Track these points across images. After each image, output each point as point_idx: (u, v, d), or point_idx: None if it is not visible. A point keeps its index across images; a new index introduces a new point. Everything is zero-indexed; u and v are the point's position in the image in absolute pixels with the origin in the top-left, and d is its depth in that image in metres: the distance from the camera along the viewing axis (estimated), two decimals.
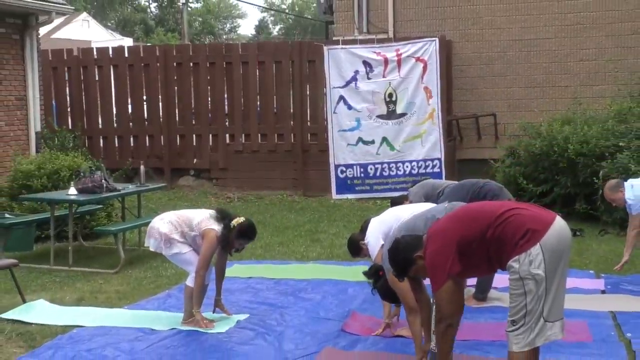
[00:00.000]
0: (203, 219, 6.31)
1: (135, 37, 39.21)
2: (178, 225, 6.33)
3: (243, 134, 14.34)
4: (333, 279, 7.87)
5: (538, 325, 4.03)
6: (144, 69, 14.70)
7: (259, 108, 14.42)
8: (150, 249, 6.52)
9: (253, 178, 14.09)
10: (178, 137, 14.59)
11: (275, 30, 56.01)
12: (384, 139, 13.05)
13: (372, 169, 13.14)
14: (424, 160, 12.96)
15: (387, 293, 5.15)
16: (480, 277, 6.21)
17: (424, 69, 12.88)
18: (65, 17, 22.57)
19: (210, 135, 14.46)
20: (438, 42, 12.93)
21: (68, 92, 14.94)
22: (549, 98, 13.47)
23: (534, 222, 4.08)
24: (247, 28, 56.82)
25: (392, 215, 6.02)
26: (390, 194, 12.59)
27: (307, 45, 14.43)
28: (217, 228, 6.21)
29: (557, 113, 12.20)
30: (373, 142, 13.09)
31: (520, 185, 11.19)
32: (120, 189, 9.51)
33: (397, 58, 12.92)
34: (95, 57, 15.09)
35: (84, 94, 14.86)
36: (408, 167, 13.00)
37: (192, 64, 14.60)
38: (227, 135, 14.42)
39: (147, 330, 6.26)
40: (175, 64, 14.65)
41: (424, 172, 12.82)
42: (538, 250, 3.99)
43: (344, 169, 13.22)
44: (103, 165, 10.25)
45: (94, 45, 17.34)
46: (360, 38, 13.96)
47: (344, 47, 13.32)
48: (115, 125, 14.82)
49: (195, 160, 14.55)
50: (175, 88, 14.60)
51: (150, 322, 6.51)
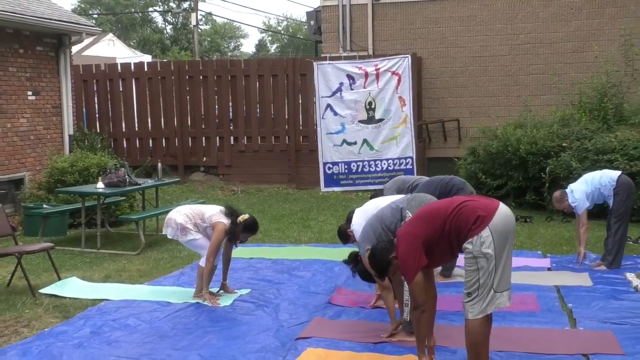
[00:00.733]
0: (214, 214, 6.33)
1: (154, 54, 39.03)
2: (192, 217, 6.36)
3: (245, 137, 14.30)
4: (321, 259, 7.89)
5: (489, 296, 4.07)
6: (161, 82, 14.66)
7: (259, 114, 14.40)
8: (168, 237, 6.54)
9: (254, 174, 14.09)
10: (190, 139, 14.57)
11: (273, 48, 55.88)
12: (365, 141, 13.07)
13: (354, 166, 13.16)
14: (399, 159, 12.99)
15: (364, 275, 5.18)
16: (447, 262, 6.25)
17: (399, 81, 12.90)
18: (94, 37, 22.45)
19: (218, 138, 14.43)
20: (410, 58, 12.95)
21: (96, 101, 14.89)
22: (504, 106, 13.51)
23: (482, 209, 4.12)
24: (248, 46, 56.73)
25: (372, 206, 6.04)
26: (371, 187, 12.65)
27: (299, 61, 14.41)
28: (225, 221, 6.24)
29: (510, 118, 12.22)
30: (355, 143, 13.11)
31: (480, 180, 11.24)
32: (141, 183, 9.51)
33: (375, 72, 12.92)
34: (120, 71, 15.07)
35: (110, 103, 14.83)
36: (385, 164, 13.02)
37: (201, 77, 14.59)
38: (231, 138, 14.41)
39: (163, 303, 6.27)
40: (188, 77, 14.62)
41: (399, 168, 12.85)
42: (487, 233, 4.03)
43: (331, 166, 13.23)
44: (126, 163, 10.23)
45: (119, 61, 17.28)
46: (344, 55, 13.96)
47: (331, 62, 13.32)
48: (137, 129, 14.77)
49: (205, 159, 14.53)
50: (188, 97, 14.55)
51: (167, 296, 6.53)
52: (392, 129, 12.98)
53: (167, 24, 50.43)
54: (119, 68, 15.32)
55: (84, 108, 14.68)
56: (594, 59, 12.85)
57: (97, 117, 14.85)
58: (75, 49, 17.14)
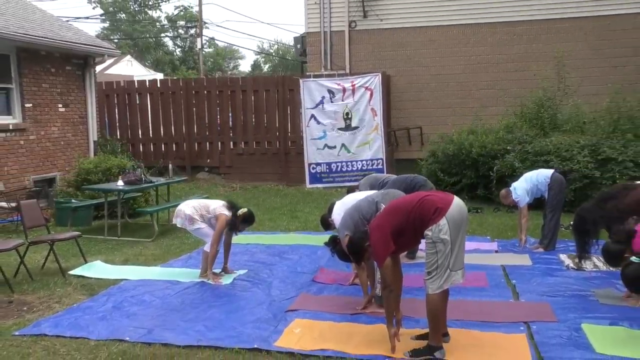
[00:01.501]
0: (218, 206, 6.33)
1: (165, 73, 38.79)
2: (199, 209, 6.35)
3: (243, 142, 14.26)
4: (307, 244, 7.89)
5: (446, 274, 4.10)
6: (171, 96, 14.55)
7: (254, 123, 14.35)
8: (177, 226, 6.53)
9: (250, 173, 14.05)
10: (196, 143, 14.48)
11: (266, 68, 55.69)
12: (343, 145, 13.05)
13: (334, 166, 13.15)
14: (371, 160, 13.00)
15: (342, 255, 5.20)
16: (411, 247, 6.28)
17: (371, 95, 12.90)
18: (115, 58, 22.29)
19: (219, 143, 14.36)
20: (380, 76, 12.96)
21: (116, 112, 14.78)
22: (459, 115, 13.56)
23: (440, 202, 4.15)
24: (245, 66, 56.45)
25: (349, 200, 6.07)
26: (348, 184, 12.60)
27: (288, 79, 14.39)
28: (227, 214, 6.24)
29: (464, 126, 12.27)
30: (335, 147, 13.10)
31: (439, 177, 11.30)
32: (155, 181, 9.51)
33: (352, 87, 12.91)
34: (136, 87, 14.98)
35: (128, 113, 14.72)
36: (360, 164, 13.03)
37: (206, 92, 14.51)
38: (231, 142, 14.34)
39: (174, 282, 6.26)
40: (194, 92, 14.55)
41: (371, 168, 12.85)
42: (445, 222, 4.06)
43: (315, 166, 13.22)
44: (142, 164, 10.22)
45: (135, 79, 17.16)
46: (326, 73, 13.95)
47: (314, 79, 13.30)
48: (151, 136, 14.67)
49: (209, 160, 14.47)
50: (194, 109, 14.48)
51: (176, 276, 6.52)
52: (365, 135, 12.99)
53: (176, 47, 50.19)
54: (136, 84, 15.23)
55: (106, 118, 14.58)
56: (533, 77, 12.96)
57: (117, 125, 14.75)
58: (99, 68, 16.99)
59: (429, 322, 4.24)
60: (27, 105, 10.55)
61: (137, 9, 46.94)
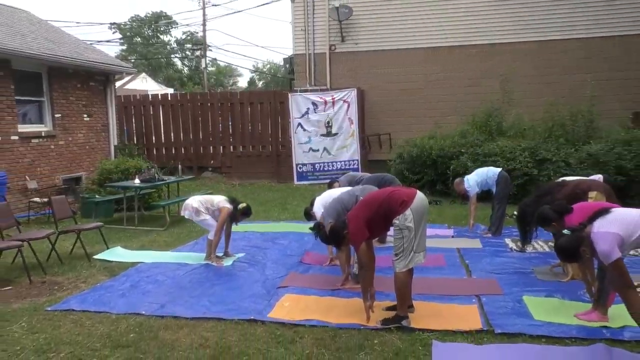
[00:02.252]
0: (221, 200, 6.32)
1: (175, 88, 38.54)
2: (204, 203, 6.33)
3: (241, 146, 14.18)
4: (295, 232, 7.88)
5: (410, 255, 4.13)
6: (180, 107, 14.44)
7: (250, 130, 14.29)
8: (185, 217, 6.48)
9: (247, 172, 13.97)
10: (201, 147, 14.37)
11: (260, 84, 55.46)
12: (325, 148, 13.03)
13: (318, 166, 13.14)
14: (349, 161, 13.00)
15: (324, 239, 5.20)
16: (382, 234, 6.31)
17: (348, 107, 12.90)
18: (131, 75, 22.13)
19: (221, 147, 14.26)
20: (356, 91, 12.96)
21: (133, 121, 14.61)
22: (421, 124, 13.59)
23: (405, 196, 4.18)
24: (242, 82, 56.16)
25: (328, 194, 6.09)
26: (329, 181, 12.63)
27: (278, 93, 14.36)
28: (229, 206, 6.23)
29: (425, 132, 12.31)
30: (318, 150, 13.08)
31: (405, 175, 11.29)
32: (166, 180, 9.46)
33: (332, 100, 12.90)
34: (150, 100, 14.83)
35: (143, 122, 14.56)
36: (339, 164, 13.02)
37: (209, 104, 14.38)
38: (231, 147, 14.25)
39: (183, 264, 6.23)
40: (199, 104, 14.42)
41: (348, 167, 12.85)
42: (409, 212, 4.09)
43: (301, 166, 13.20)
44: (155, 165, 10.14)
45: (150, 93, 16.99)
46: (310, 88, 13.92)
47: (301, 94, 13.26)
48: (163, 141, 14.52)
49: (212, 162, 14.36)
50: (199, 119, 14.36)
51: (185, 259, 6.48)
52: (343, 140, 12.99)
53: (184, 66, 49.79)
54: (150, 98, 15.08)
55: (125, 126, 14.43)
56: (483, 91, 13.02)
57: (134, 132, 14.59)
58: (118, 84, 16.84)
59: (397, 295, 4.26)
60: (56, 116, 10.43)
61: (150, 34, 46.54)
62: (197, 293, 5.14)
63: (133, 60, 40.64)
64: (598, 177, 6.42)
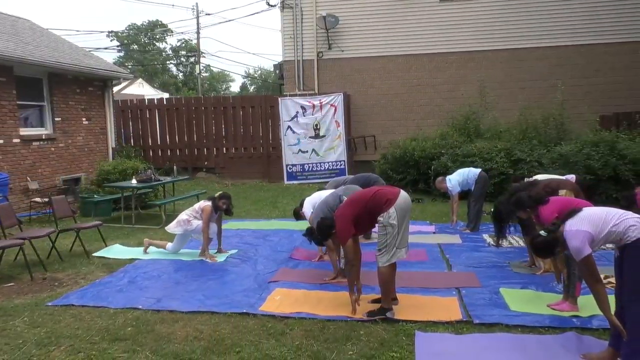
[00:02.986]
0: (200, 203, 6.38)
1: (170, 93, 38.30)
2: (189, 213, 6.37)
3: (234, 147, 14.09)
4: (285, 229, 7.85)
5: (393, 251, 4.13)
6: (175, 111, 14.32)
7: (242, 133, 14.23)
8: (179, 234, 6.40)
9: (240, 172, 13.90)
10: (196, 149, 14.26)
11: (252, 89, 55.27)
12: (313, 150, 13.02)
13: (306, 167, 13.11)
14: (336, 162, 12.99)
15: (318, 241, 5.19)
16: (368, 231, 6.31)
17: (335, 110, 12.90)
18: (129, 81, 21.94)
19: (215, 148, 14.17)
20: (342, 95, 12.96)
21: (130, 124, 14.45)
22: (404, 126, 13.63)
23: (390, 195, 4.18)
24: (235, 87, 55.98)
25: (317, 195, 6.08)
26: (317, 181, 12.67)
27: (269, 97, 14.24)
28: (208, 203, 6.26)
29: (408, 135, 12.36)
30: (307, 151, 13.05)
31: (389, 175, 11.31)
32: (162, 180, 9.36)
33: (320, 104, 12.89)
34: (147, 104, 14.63)
35: (140, 125, 14.41)
36: (327, 165, 13.01)
37: (203, 108, 14.27)
38: (224, 148, 14.15)
39: (178, 261, 6.20)
40: (194, 108, 14.30)
41: (336, 168, 12.88)
42: (393, 210, 4.08)
43: (291, 167, 13.17)
44: (152, 166, 10.07)
45: (146, 98, 16.81)
46: (299, 93, 13.89)
47: (290, 98, 13.23)
48: (159, 143, 14.38)
49: (206, 163, 14.25)
50: (194, 122, 14.25)
51: (180, 255, 6.43)
52: (331, 142, 12.97)
53: (179, 72, 49.48)
54: (146, 102, 14.86)
55: (122, 129, 14.28)
56: (461, 96, 13.11)
57: (131, 135, 14.42)
58: (116, 89, 16.70)
59: (381, 289, 4.26)
60: (57, 119, 10.31)
61: (146, 41, 46.17)
62: (192, 288, 5.10)
63: (130, 67, 40.31)
64: (571, 177, 6.50)
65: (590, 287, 3.31)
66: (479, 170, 7.59)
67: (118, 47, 43.98)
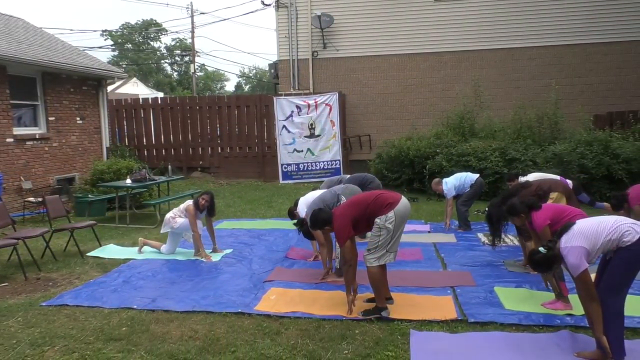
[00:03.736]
0: (185, 204, 6.37)
1: (165, 92, 38.18)
2: (176, 212, 6.38)
3: (229, 147, 14.05)
4: (280, 228, 7.84)
5: (381, 252, 4.17)
6: (170, 111, 14.28)
7: (237, 132, 14.20)
8: (167, 231, 6.43)
9: (235, 172, 13.88)
10: (191, 148, 14.23)
11: (246, 88, 55.16)
12: (308, 149, 13.02)
13: (302, 166, 13.11)
14: (331, 161, 13.00)
15: (308, 235, 5.18)
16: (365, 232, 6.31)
17: (330, 110, 12.90)
18: (123, 80, 21.79)
19: (210, 148, 14.14)
20: (337, 94, 12.95)
21: (125, 124, 14.41)
22: (399, 125, 13.67)
23: (391, 199, 4.20)
24: (230, 87, 55.83)
25: (311, 195, 6.07)
26: (312, 180, 12.67)
27: (264, 97, 14.23)
28: (190, 202, 6.27)
29: (403, 134, 12.38)
30: (302, 151, 13.06)
31: (384, 175, 11.33)
32: (157, 179, 9.31)
33: (315, 103, 12.89)
34: (141, 103, 14.60)
35: (135, 125, 14.36)
36: (322, 164, 13.02)
37: (198, 108, 14.24)
38: (219, 148, 14.11)
39: (173, 260, 6.18)
40: (189, 108, 14.26)
41: (331, 167, 12.88)
42: (392, 214, 4.11)
43: (286, 166, 13.16)
44: (146, 166, 10.03)
45: (141, 97, 16.75)
46: (294, 92, 13.89)
47: (285, 97, 13.21)
48: (153, 142, 14.34)
49: (201, 162, 14.22)
50: (189, 121, 14.21)
51: (175, 255, 6.42)
52: (326, 141, 12.98)
53: (174, 71, 49.32)
54: (141, 101, 14.83)
55: (117, 128, 14.23)
56: (456, 95, 13.14)
57: (125, 134, 14.38)
58: (110, 88, 16.62)
59: (373, 289, 4.28)
60: (50, 119, 10.25)
61: (141, 40, 46.01)
62: (187, 287, 5.08)
63: (124, 66, 40.16)
64: (567, 182, 6.51)
65: (585, 305, 3.35)
66: (477, 176, 7.63)
67: (112, 46, 43.82)
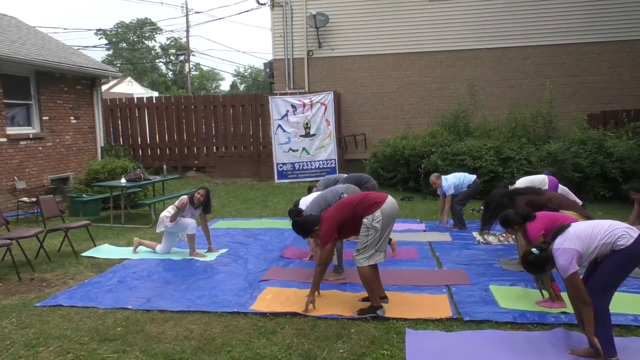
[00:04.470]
0: (179, 199, 6.34)
1: (160, 91, 38.04)
2: (170, 210, 6.32)
3: (224, 146, 14.03)
4: (276, 228, 7.84)
5: (371, 252, 4.19)
6: (165, 110, 14.24)
7: (233, 131, 14.18)
8: (162, 230, 6.39)
9: (230, 171, 13.85)
10: (186, 148, 14.18)
11: (242, 87, 55.03)
12: (304, 148, 13.01)
13: (297, 165, 13.10)
14: (326, 160, 13.00)
15: (299, 230, 5.15)
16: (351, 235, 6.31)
17: (325, 109, 12.90)
18: (117, 79, 21.73)
19: (205, 147, 14.11)
20: (333, 94, 12.96)
21: (120, 123, 14.35)
22: (394, 125, 13.68)
23: (378, 199, 4.21)
24: (225, 86, 55.67)
25: (310, 197, 6.05)
26: (308, 179, 12.66)
27: (259, 96, 14.22)
28: (185, 196, 6.26)
29: (398, 133, 12.39)
30: (297, 150, 13.04)
31: (379, 174, 11.35)
32: (152, 179, 9.27)
33: (310, 103, 12.88)
34: (136, 103, 14.55)
35: (129, 124, 14.30)
36: (317, 164, 13.02)
37: (193, 107, 14.21)
38: (214, 147, 14.09)
39: (168, 260, 6.15)
40: (184, 107, 14.22)
41: (326, 166, 12.88)
42: (379, 213, 4.13)
43: (282, 166, 13.15)
44: (141, 165, 9.99)
45: (135, 96, 16.68)
46: (289, 91, 13.88)
47: (280, 97, 13.20)
48: (148, 142, 14.30)
49: (196, 162, 14.18)
50: (184, 120, 14.17)
51: (170, 255, 6.40)
52: (321, 141, 12.98)
53: (169, 71, 49.15)
54: (136, 101, 14.78)
55: (112, 128, 14.17)
56: (451, 94, 13.17)
57: (120, 134, 14.32)
58: (104, 88, 16.57)
59: (366, 288, 4.29)
60: (44, 118, 10.19)
61: (135, 40, 45.85)
62: (182, 287, 5.07)
63: (119, 65, 40.01)
64: (565, 191, 6.51)
65: (576, 307, 3.37)
66: (474, 177, 7.67)
67: (106, 45, 43.62)
